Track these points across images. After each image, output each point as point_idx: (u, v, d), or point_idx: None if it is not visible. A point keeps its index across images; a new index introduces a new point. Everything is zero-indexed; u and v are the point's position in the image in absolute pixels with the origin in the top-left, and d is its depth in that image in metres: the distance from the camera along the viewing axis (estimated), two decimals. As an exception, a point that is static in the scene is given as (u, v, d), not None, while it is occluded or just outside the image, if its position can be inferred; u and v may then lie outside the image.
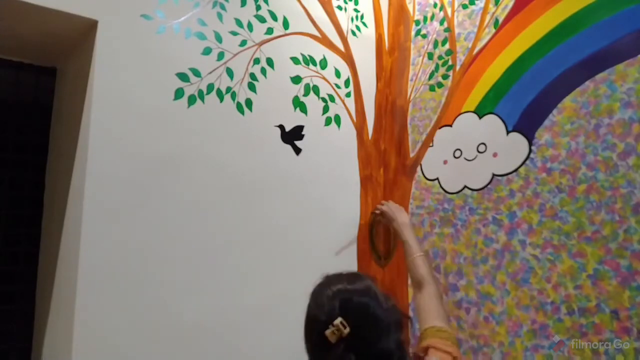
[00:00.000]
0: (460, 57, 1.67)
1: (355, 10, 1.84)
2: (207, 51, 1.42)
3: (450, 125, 1.67)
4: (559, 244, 1.33)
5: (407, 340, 0.88)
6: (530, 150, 1.43)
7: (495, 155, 1.52)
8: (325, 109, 1.71)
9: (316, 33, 1.70)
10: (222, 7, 1.46)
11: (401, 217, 1.57)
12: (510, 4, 1.54)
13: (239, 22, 1.50)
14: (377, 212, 1.70)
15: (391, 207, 1.63)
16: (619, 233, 1.22)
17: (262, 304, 1.48)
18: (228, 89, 1.46)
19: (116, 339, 1.21)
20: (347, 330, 0.76)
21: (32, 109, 1.54)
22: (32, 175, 1.53)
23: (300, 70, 1.64)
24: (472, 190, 1.57)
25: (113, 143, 1.24)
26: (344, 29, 1.79)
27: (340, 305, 0.79)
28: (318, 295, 0.85)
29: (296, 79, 1.63)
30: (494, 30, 1.58)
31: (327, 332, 0.76)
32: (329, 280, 0.88)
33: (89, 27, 1.26)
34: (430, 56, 1.78)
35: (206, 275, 1.37)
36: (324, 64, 1.71)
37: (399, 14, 1.92)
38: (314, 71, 1.68)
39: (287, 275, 1.55)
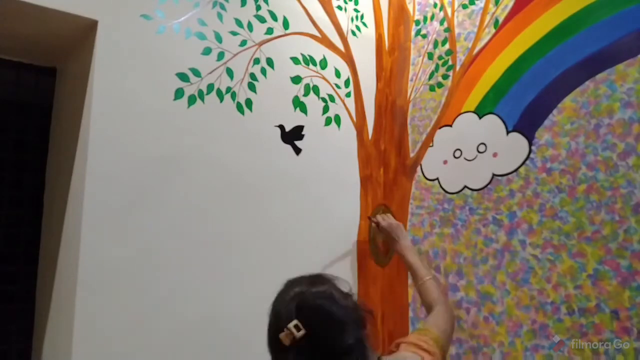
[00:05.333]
0: (460, 57, 1.67)
1: (355, 10, 1.84)
2: (207, 51, 1.42)
3: (450, 125, 1.67)
4: (559, 244, 1.33)
5: (372, 337, 0.88)
6: (530, 150, 1.43)
7: (495, 155, 1.52)
8: (325, 109, 1.71)
9: (316, 33, 1.70)
10: (222, 7, 1.46)
11: (404, 241, 1.47)
12: (510, 4, 1.54)
13: (239, 22, 1.50)
14: (374, 221, 1.61)
15: (393, 226, 1.52)
16: (619, 233, 1.22)
17: (260, 304, 1.48)
18: (228, 89, 1.46)
19: (116, 339, 1.21)
20: (301, 333, 0.76)
21: (32, 109, 1.54)
22: (32, 175, 1.53)
23: (300, 70, 1.64)
24: (472, 190, 1.57)
25: (113, 143, 1.24)
26: (344, 29, 1.79)
27: (296, 308, 0.80)
28: (277, 300, 0.87)
29: (296, 79, 1.63)
30: (494, 30, 1.58)
31: (281, 336, 0.77)
32: (289, 285, 0.89)
33: (89, 27, 1.26)
34: (430, 56, 1.78)
35: (206, 275, 1.37)
36: (324, 64, 1.71)
37: (399, 14, 1.92)
38: (314, 71, 1.68)
39: (286, 274, 1.54)
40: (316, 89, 1.68)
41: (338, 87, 1.75)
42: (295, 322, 0.77)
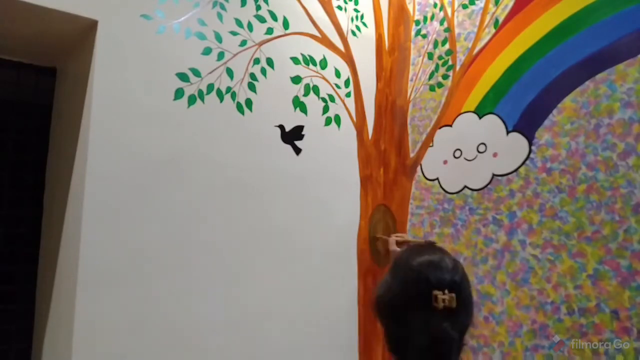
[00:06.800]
0: (460, 57, 1.67)
1: (355, 10, 1.84)
2: (207, 51, 1.42)
3: (450, 125, 1.67)
4: (559, 244, 1.33)
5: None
6: (530, 150, 1.43)
7: (495, 155, 1.52)
8: (325, 109, 1.71)
9: (316, 33, 1.70)
10: (222, 7, 1.46)
11: None
12: (510, 4, 1.54)
13: (239, 22, 1.50)
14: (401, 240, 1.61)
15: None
16: (619, 233, 1.22)
17: (260, 303, 1.48)
18: (228, 89, 1.46)
19: (116, 339, 1.21)
20: (454, 305, 0.75)
21: (32, 109, 1.54)
22: (32, 175, 1.53)
23: (300, 70, 1.64)
24: (472, 190, 1.57)
25: (113, 143, 1.24)
26: (344, 29, 1.79)
27: (458, 279, 0.80)
28: (436, 255, 0.83)
29: (296, 79, 1.63)
30: (494, 30, 1.58)
31: (440, 297, 0.75)
32: (432, 247, 0.88)
33: (89, 27, 1.26)
34: (430, 56, 1.78)
35: (205, 275, 1.37)
36: (324, 64, 1.71)
37: (399, 14, 1.92)
38: (314, 71, 1.68)
39: (286, 275, 1.55)
40: (316, 89, 1.68)
41: (338, 87, 1.75)
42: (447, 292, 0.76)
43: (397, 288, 0.81)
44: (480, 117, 1.58)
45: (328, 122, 1.71)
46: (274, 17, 1.58)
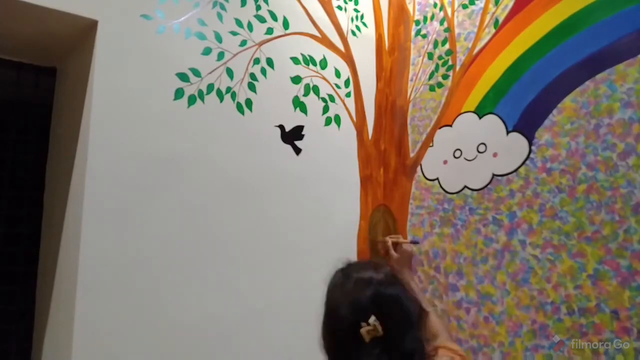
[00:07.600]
0: (460, 57, 1.67)
1: (355, 10, 1.84)
2: (207, 51, 1.42)
3: (450, 125, 1.67)
4: (559, 244, 1.33)
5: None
6: (530, 150, 1.43)
7: (495, 155, 1.52)
8: (325, 109, 1.71)
9: (316, 33, 1.70)
10: (222, 7, 1.46)
11: (407, 274, 1.47)
12: (510, 4, 1.54)
13: (239, 22, 1.50)
14: (412, 242, 1.60)
15: (410, 255, 1.52)
16: (619, 233, 1.22)
17: (261, 305, 1.48)
18: (228, 89, 1.46)
19: (116, 339, 1.21)
20: (380, 329, 0.70)
21: (32, 109, 1.54)
22: (32, 175, 1.53)
23: (300, 70, 1.64)
24: (472, 190, 1.57)
25: (113, 143, 1.24)
26: (344, 29, 1.79)
27: (372, 299, 0.73)
28: (343, 284, 0.78)
29: (296, 79, 1.63)
30: (494, 30, 1.58)
31: (362, 331, 0.70)
32: (352, 268, 0.81)
33: (89, 27, 1.26)
34: (430, 56, 1.78)
35: (206, 276, 1.37)
36: (324, 64, 1.71)
37: (399, 14, 1.92)
38: (314, 71, 1.68)
39: (287, 276, 1.55)
40: (316, 89, 1.68)
41: (338, 87, 1.75)
42: (374, 317, 0.70)
43: (329, 326, 0.77)
44: (480, 117, 1.58)
45: (328, 122, 1.71)
46: (274, 17, 1.58)
